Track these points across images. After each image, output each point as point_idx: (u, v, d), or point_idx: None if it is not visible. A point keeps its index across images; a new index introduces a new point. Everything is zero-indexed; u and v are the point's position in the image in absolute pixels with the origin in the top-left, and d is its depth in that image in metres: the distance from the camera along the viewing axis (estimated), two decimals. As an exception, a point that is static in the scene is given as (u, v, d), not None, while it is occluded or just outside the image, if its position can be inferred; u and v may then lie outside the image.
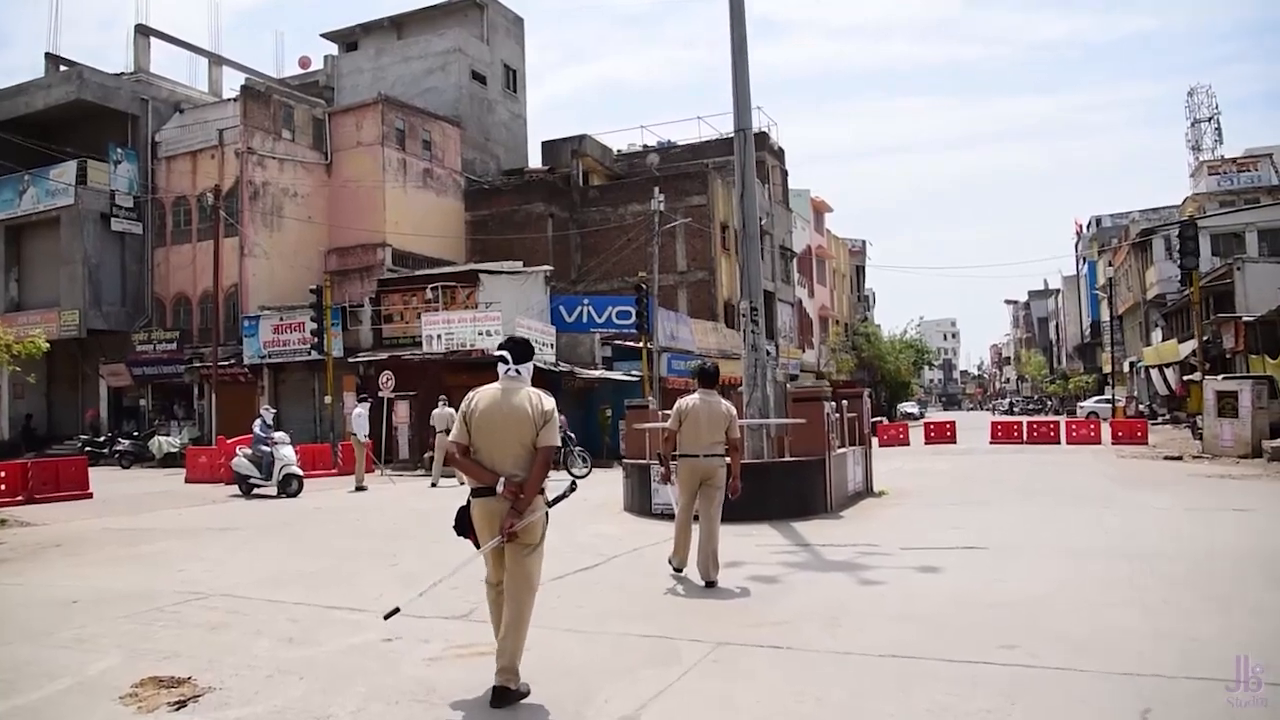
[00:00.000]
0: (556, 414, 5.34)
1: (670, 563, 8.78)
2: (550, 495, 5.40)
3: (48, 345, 16.36)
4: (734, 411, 8.68)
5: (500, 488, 5.00)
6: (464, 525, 5.35)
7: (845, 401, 15.12)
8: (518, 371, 5.38)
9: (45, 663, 6.00)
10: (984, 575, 8.44)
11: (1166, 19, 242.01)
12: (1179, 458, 22.71)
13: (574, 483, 6.46)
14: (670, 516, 10.32)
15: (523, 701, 5.05)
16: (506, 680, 5.03)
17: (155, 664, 5.85)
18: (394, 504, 16.86)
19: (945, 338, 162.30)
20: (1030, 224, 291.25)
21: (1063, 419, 35.71)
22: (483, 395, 5.30)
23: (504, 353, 5.43)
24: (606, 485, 19.64)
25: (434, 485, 20.54)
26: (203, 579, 9.00)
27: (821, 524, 12.20)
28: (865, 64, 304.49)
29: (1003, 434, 31.92)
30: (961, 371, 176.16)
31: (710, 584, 8.15)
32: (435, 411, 21.41)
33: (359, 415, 20.85)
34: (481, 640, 6.27)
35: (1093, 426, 31.34)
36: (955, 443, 32.35)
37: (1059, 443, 30.15)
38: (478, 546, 5.28)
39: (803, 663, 5.74)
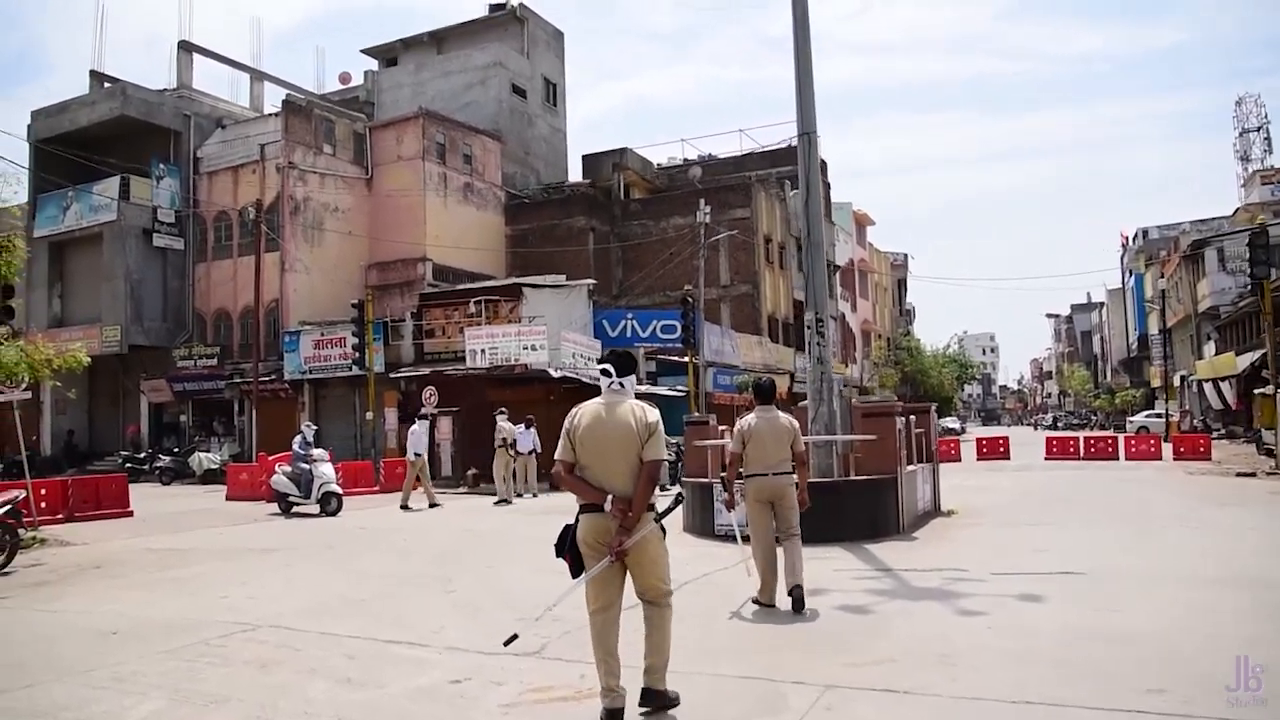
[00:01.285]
0: (662, 427, 5.10)
1: (757, 600, 8.10)
2: (659, 508, 5.19)
3: (88, 360, 15.97)
4: (797, 425, 8.30)
5: (608, 505, 4.86)
6: (566, 546, 5.13)
7: (913, 417, 14.38)
8: (621, 385, 5.20)
9: (81, 706, 5.45)
10: (1093, 605, 7.72)
11: (1198, 31, 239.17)
12: (1252, 474, 21.72)
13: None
14: (733, 539, 9.72)
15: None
16: (654, 681, 5.04)
17: (201, 710, 5.29)
18: (440, 524, 16.28)
19: (984, 352, 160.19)
20: (1065, 238, 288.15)
21: (1122, 435, 34.57)
22: (586, 410, 5.14)
23: (607, 366, 5.26)
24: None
25: (505, 501, 19.84)
26: (247, 607, 8.44)
27: (897, 546, 11.49)
28: (894, 80, 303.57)
29: (1058, 449, 30.92)
30: (1000, 386, 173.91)
31: (799, 609, 7.61)
32: (500, 424, 20.59)
33: (416, 433, 20.19)
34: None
35: (1153, 442, 30.29)
36: (1009, 459, 31.40)
37: (1117, 458, 29.15)
38: (575, 570, 5.08)
39: (928, 711, 5.07)
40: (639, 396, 5.40)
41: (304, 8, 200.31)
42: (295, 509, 18.66)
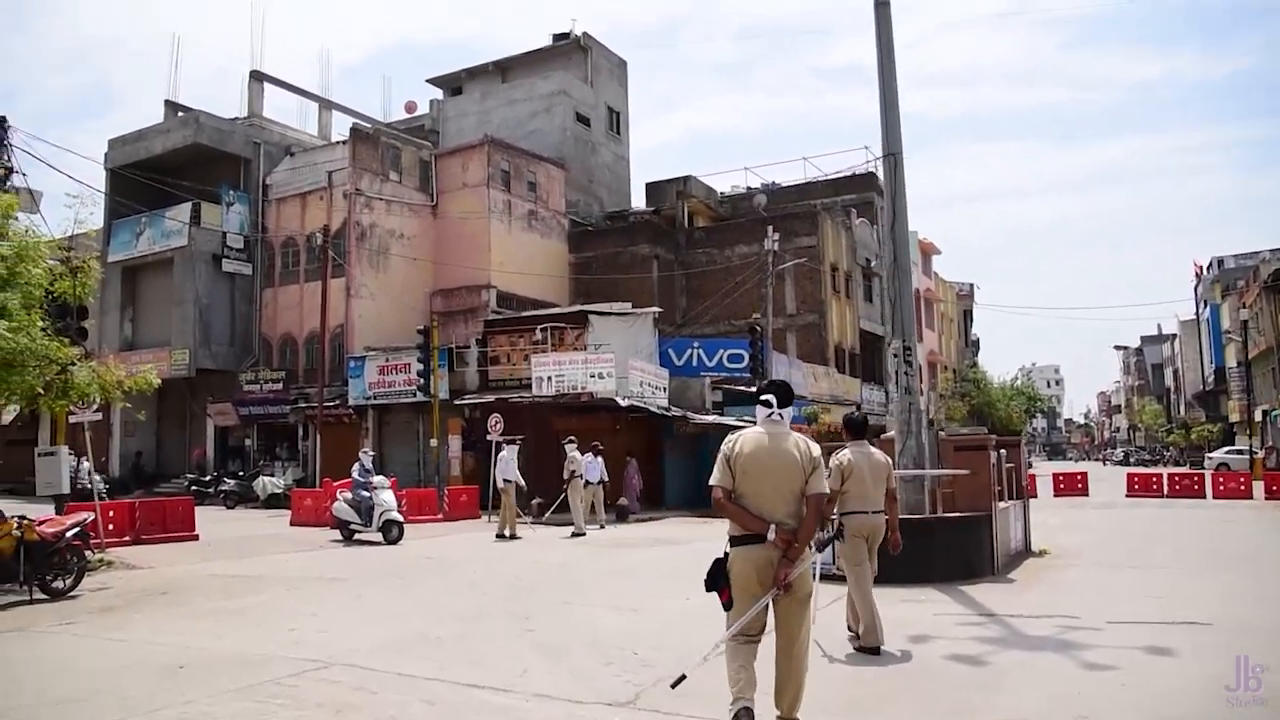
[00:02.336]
0: (824, 461, 5.18)
1: (860, 645, 7.55)
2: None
3: (158, 381, 15.88)
4: (890, 462, 8.17)
5: (771, 535, 4.82)
6: (717, 579, 5.03)
7: (1004, 450, 13.68)
8: (781, 415, 5.17)
9: (148, 751, 5.06)
10: (1232, 661, 7.01)
11: (1268, 57, 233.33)
12: (1359, 516, 20.57)
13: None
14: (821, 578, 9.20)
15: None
16: (790, 710, 4.97)
17: (276, 761, 4.86)
18: (509, 555, 15.85)
19: (1049, 385, 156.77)
20: (1133, 269, 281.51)
21: (1208, 472, 33.20)
22: (746, 438, 5.11)
23: (769, 396, 5.21)
24: (726, 539, 18.46)
25: (580, 534, 19.27)
26: (317, 641, 8.05)
27: (994, 588, 10.82)
28: (955, 109, 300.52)
29: (1140, 486, 29.74)
30: (1066, 420, 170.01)
31: (875, 650, 7.39)
32: (570, 454, 20.15)
33: (505, 459, 19.79)
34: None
35: (1242, 480, 28.98)
36: (1087, 494, 30.28)
37: (1204, 496, 27.95)
38: (727, 603, 4.98)
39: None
40: (723, 427, 5.17)
41: (371, 41, 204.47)
42: (357, 536, 18.39)
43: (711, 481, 5.11)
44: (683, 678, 5.20)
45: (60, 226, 16.19)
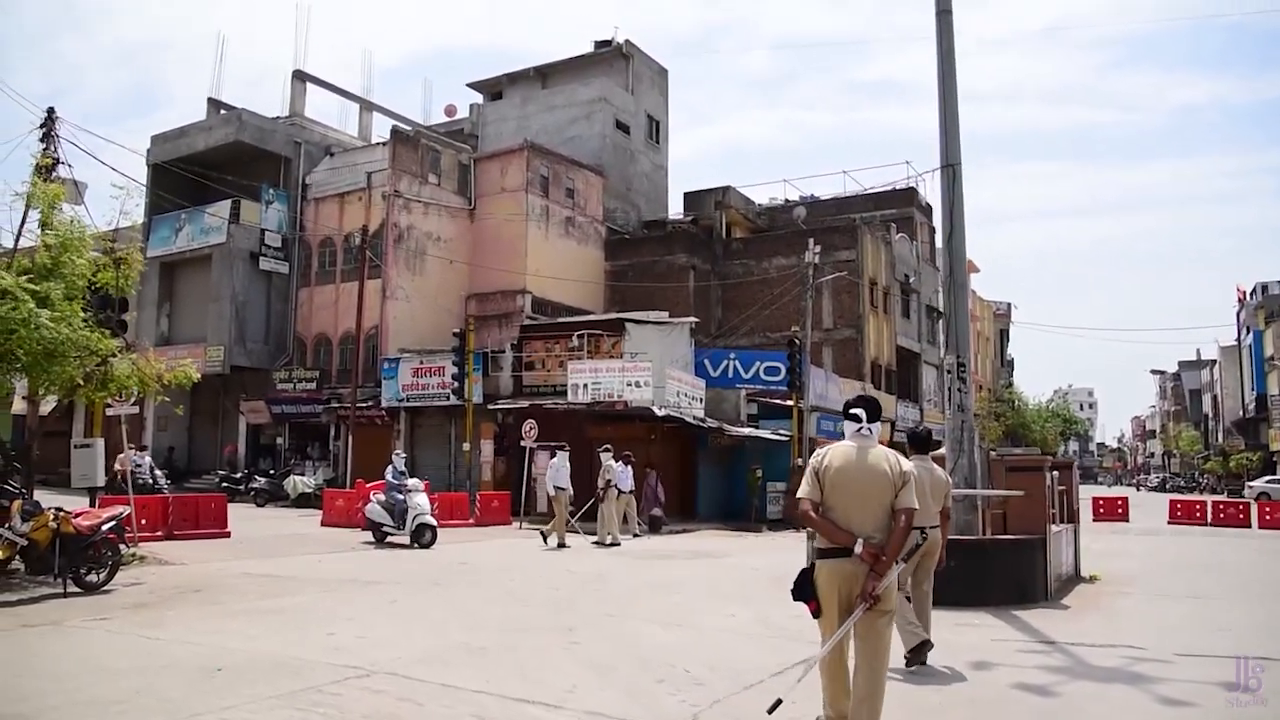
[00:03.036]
0: (914, 477, 5.21)
1: (917, 660, 7.30)
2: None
3: (198, 375, 15.77)
4: (950, 481, 8.22)
5: (859, 549, 4.85)
6: (805, 590, 5.09)
7: (1056, 472, 13.27)
8: (870, 430, 5.20)
9: (188, 760, 4.82)
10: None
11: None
12: None
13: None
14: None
15: None
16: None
17: (323, 776, 4.61)
18: (546, 563, 15.57)
19: (1082, 407, 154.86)
20: (1172, 293, 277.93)
21: (1251, 500, 32.48)
22: (835, 452, 5.18)
23: (859, 411, 5.25)
24: (763, 553, 18.11)
25: (615, 544, 18.87)
26: (357, 648, 7.81)
27: (1050, 615, 10.45)
28: (993, 129, 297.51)
29: (1184, 513, 29.10)
30: (1098, 444, 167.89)
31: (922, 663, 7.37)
32: (606, 463, 19.68)
33: (556, 465, 19.29)
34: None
35: (1290, 510, 28.28)
36: (1128, 520, 29.67)
37: (1249, 525, 27.30)
38: (817, 613, 5.05)
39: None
40: (756, 439, 5.00)
41: (410, 45, 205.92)
42: (389, 539, 18.22)
43: (799, 494, 5.16)
44: (779, 703, 5.04)
45: (103, 219, 16.15)
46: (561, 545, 18.29)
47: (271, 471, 32.05)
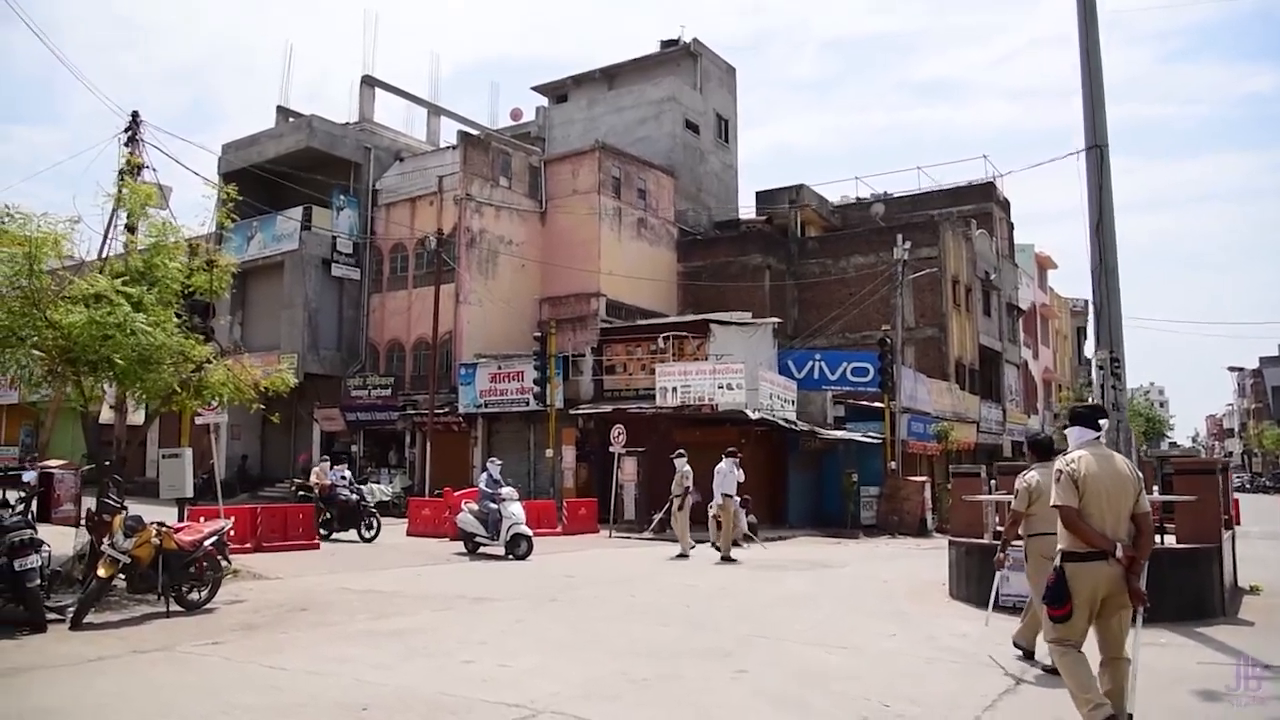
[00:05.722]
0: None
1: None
2: None
3: (295, 380, 15.20)
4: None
5: (1119, 553, 5.16)
6: (1061, 594, 5.28)
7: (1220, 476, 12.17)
8: (1102, 438, 5.61)
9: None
10: None
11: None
12: None
13: None
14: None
15: None
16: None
17: None
18: (659, 576, 14.67)
19: (1153, 407, 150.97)
20: (1247, 288, 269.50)
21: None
22: (1086, 460, 5.39)
23: (1103, 420, 5.77)
24: (879, 562, 17.15)
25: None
26: (505, 679, 7.04)
27: (1239, 632, 9.47)
28: (1046, 125, 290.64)
29: (1300, 518, 27.58)
30: (1170, 444, 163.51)
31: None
32: (682, 468, 18.26)
33: (723, 471, 17.65)
34: None
35: None
36: (1239, 523, 28.10)
37: (1377, 530, 25.78)
38: (1066, 616, 5.27)
39: None
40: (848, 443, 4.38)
41: (471, 53, 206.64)
42: (481, 550, 17.55)
43: (1059, 501, 5.35)
44: None
45: (183, 225, 15.61)
46: (725, 559, 16.78)
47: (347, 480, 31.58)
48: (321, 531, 19.54)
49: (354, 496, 20.07)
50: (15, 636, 8.88)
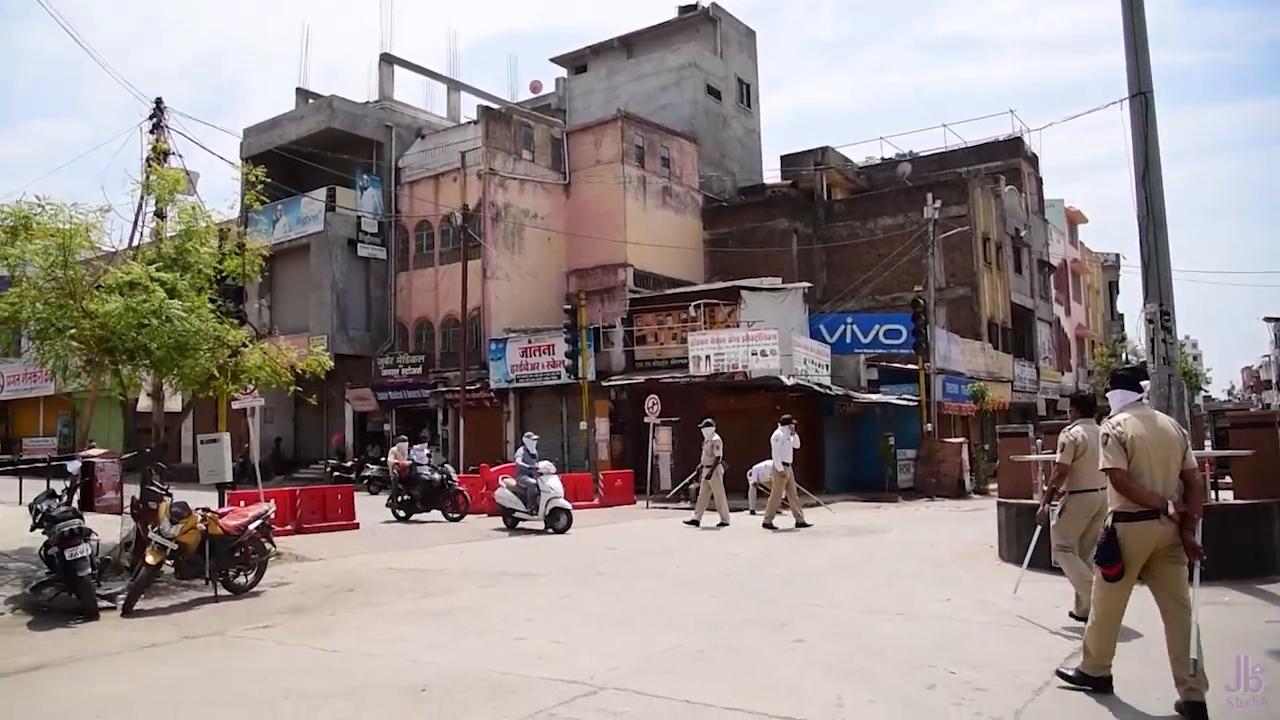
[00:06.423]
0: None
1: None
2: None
3: (331, 363, 15.18)
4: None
5: (1171, 510, 5.16)
6: (1112, 554, 5.32)
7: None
8: (1146, 400, 5.83)
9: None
10: None
11: None
12: None
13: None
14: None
15: None
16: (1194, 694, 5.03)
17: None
18: (701, 546, 14.59)
19: (1189, 360, 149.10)
20: (1260, 238, 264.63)
21: None
22: (1132, 422, 5.43)
23: (1144, 381, 6.18)
24: (922, 526, 17.03)
25: (694, 524, 17.34)
26: (560, 656, 6.99)
27: (1306, 592, 9.22)
28: (1068, 78, 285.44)
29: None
30: (1205, 396, 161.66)
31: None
32: (710, 438, 17.91)
33: (780, 439, 17.23)
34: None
35: None
36: None
37: None
38: (1120, 575, 5.34)
39: None
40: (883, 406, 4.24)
41: (486, 27, 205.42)
42: (521, 525, 17.54)
43: (1108, 464, 5.36)
44: None
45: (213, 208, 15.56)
46: (800, 524, 16.80)
47: (381, 459, 31.72)
48: (400, 513, 19.58)
49: (438, 476, 19.92)
50: (70, 625, 8.95)
